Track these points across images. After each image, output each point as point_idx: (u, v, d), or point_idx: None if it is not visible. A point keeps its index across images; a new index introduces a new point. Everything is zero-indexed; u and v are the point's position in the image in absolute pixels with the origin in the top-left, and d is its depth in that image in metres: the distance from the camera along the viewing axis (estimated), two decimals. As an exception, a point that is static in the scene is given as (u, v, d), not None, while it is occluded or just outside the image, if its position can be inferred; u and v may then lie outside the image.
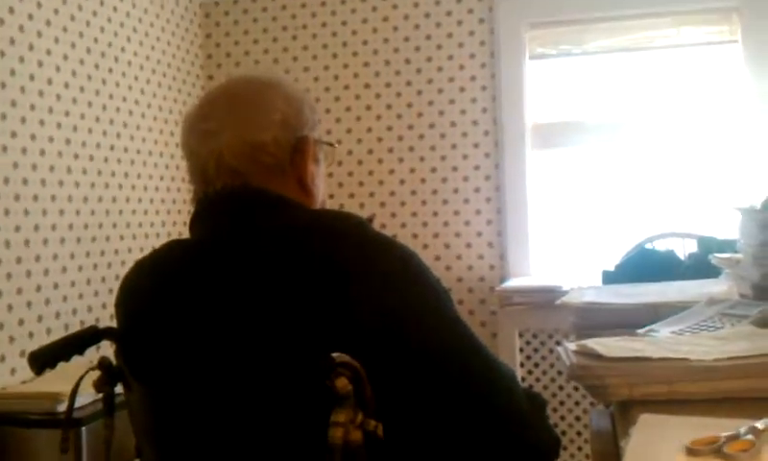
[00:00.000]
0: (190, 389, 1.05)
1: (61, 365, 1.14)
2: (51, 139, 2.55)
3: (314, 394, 0.94)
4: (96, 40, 2.82)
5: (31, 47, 2.48)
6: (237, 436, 1.02)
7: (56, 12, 2.61)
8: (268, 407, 1.00)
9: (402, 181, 3.44)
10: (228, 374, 1.02)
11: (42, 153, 2.50)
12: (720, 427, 0.87)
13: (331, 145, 1.32)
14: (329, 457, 0.92)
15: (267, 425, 1.00)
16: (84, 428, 2.00)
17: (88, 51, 2.78)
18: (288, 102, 1.22)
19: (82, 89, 2.73)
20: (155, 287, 1.13)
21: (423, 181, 3.42)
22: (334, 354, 0.94)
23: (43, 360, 1.12)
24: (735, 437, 0.84)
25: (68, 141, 2.63)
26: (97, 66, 2.82)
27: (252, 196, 1.14)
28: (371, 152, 3.46)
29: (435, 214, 3.41)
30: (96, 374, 1.14)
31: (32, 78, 2.48)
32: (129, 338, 1.14)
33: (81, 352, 1.14)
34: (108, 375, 1.14)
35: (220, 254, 1.09)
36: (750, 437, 0.83)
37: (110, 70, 2.90)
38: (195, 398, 1.05)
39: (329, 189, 3.45)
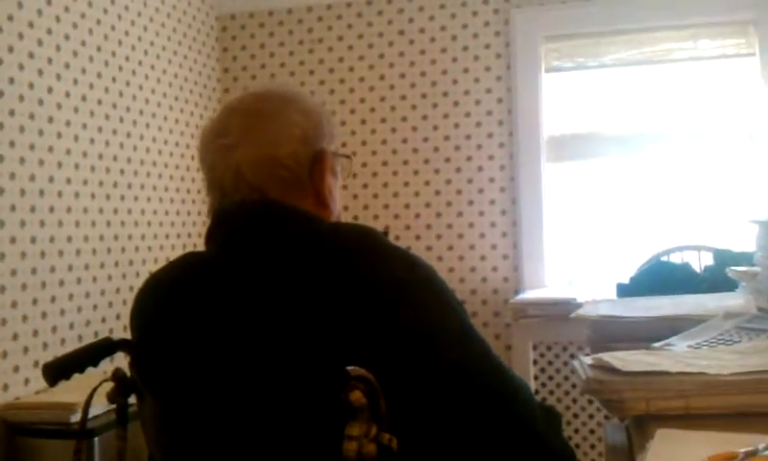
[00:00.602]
0: (204, 401, 1.05)
1: (75, 376, 1.14)
2: (68, 152, 2.56)
3: (329, 407, 0.94)
4: (113, 54, 2.84)
5: (49, 61, 2.50)
6: (251, 449, 1.01)
7: (74, 25, 2.63)
8: (282, 420, 1.00)
9: (417, 193, 3.43)
10: (242, 386, 1.02)
11: (59, 165, 2.52)
12: (738, 443, 0.85)
13: (348, 157, 1.32)
14: None
15: (281, 438, 1.00)
16: (96, 439, 2.01)
17: (106, 64, 2.80)
18: (306, 116, 1.22)
19: (99, 102, 2.74)
20: (170, 299, 1.13)
21: (438, 193, 3.42)
22: (349, 368, 0.93)
23: (57, 371, 1.12)
24: (754, 453, 0.83)
25: (85, 154, 2.65)
26: (114, 79, 2.84)
27: (270, 209, 1.14)
28: (385, 164, 3.47)
29: (449, 226, 3.40)
30: (110, 385, 1.14)
31: (50, 91, 2.50)
32: (143, 350, 1.14)
33: (95, 364, 1.14)
34: (121, 386, 1.14)
35: (236, 266, 1.09)
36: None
37: (128, 83, 2.92)
38: (209, 410, 1.05)
39: (344, 201, 3.45)
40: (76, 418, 2.05)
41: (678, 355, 1.21)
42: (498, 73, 3.38)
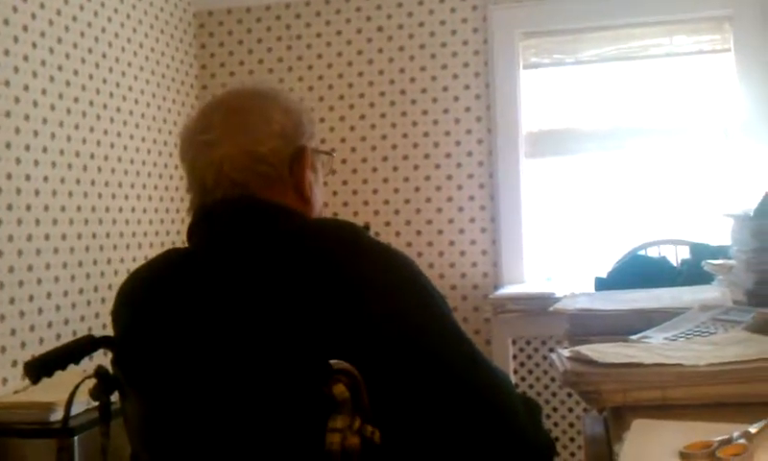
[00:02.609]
0: (187, 397, 1.05)
1: (55, 374, 1.14)
2: (45, 150, 2.55)
3: (312, 400, 0.95)
4: (90, 51, 2.83)
5: (25, 58, 2.48)
6: (234, 443, 1.02)
7: (50, 22, 2.61)
8: (265, 414, 1.00)
9: (396, 190, 3.44)
10: (224, 381, 1.02)
11: (36, 163, 2.50)
12: (713, 432, 0.87)
13: (328, 154, 1.33)
14: None
15: (264, 432, 1.00)
16: (76, 438, 2.00)
17: (83, 61, 2.78)
18: (286, 113, 1.23)
19: (76, 100, 2.73)
20: (152, 296, 1.13)
21: (417, 189, 3.43)
22: (332, 361, 0.94)
23: (40, 369, 1.12)
24: (728, 441, 0.84)
25: (62, 152, 2.63)
26: (91, 77, 2.82)
27: (251, 205, 1.15)
28: (365, 160, 3.47)
29: (429, 222, 3.41)
30: (91, 382, 1.14)
31: (26, 88, 2.48)
32: (125, 347, 1.14)
33: (77, 361, 1.14)
34: (104, 383, 1.14)
35: (218, 262, 1.10)
36: (742, 441, 0.84)
37: (105, 80, 2.90)
38: (192, 406, 1.05)
39: (324, 198, 3.44)
40: (55, 417, 2.04)
41: (654, 347, 1.23)
42: (477, 69, 3.39)
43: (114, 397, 1.16)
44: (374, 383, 0.96)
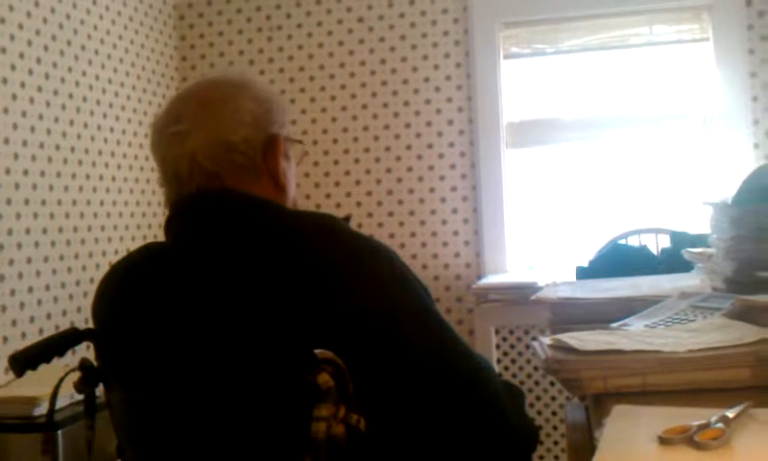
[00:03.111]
0: (170, 389, 1.06)
1: (39, 368, 1.13)
2: (24, 143, 2.53)
3: (296, 390, 0.95)
4: (69, 43, 2.81)
5: (3, 51, 2.46)
6: (219, 433, 1.02)
7: (28, 14, 2.59)
8: (250, 404, 1.01)
9: (379, 181, 3.44)
10: (208, 372, 1.02)
11: (16, 157, 2.48)
12: (692, 417, 0.88)
13: (300, 142, 1.33)
14: (312, 452, 0.93)
15: (249, 422, 1.01)
16: (60, 432, 1.99)
17: (61, 53, 2.76)
18: (258, 102, 1.23)
19: (55, 92, 2.71)
20: (131, 289, 1.13)
21: (400, 180, 3.43)
22: (316, 351, 0.95)
23: (25, 362, 1.12)
24: (706, 426, 0.86)
25: (42, 145, 2.62)
26: (70, 69, 2.80)
27: (228, 197, 1.15)
28: (347, 152, 3.47)
29: (411, 213, 3.42)
30: (75, 375, 1.14)
31: (4, 82, 2.45)
32: (107, 339, 1.14)
33: (61, 354, 1.14)
34: (88, 375, 1.14)
35: (196, 255, 1.10)
36: (720, 425, 0.85)
37: (84, 73, 2.88)
38: (176, 397, 1.05)
39: (306, 190, 3.45)
40: (39, 411, 2.03)
41: (634, 335, 1.24)
42: (457, 60, 3.39)
43: (99, 390, 1.16)
44: (358, 372, 0.97)
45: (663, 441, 0.83)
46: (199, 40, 3.61)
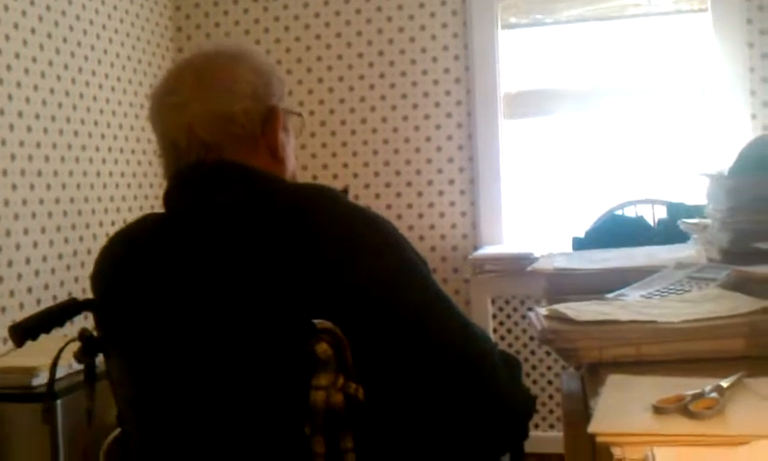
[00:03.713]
0: (170, 359, 1.07)
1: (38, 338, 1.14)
2: (20, 114, 2.52)
3: (295, 359, 0.96)
4: (64, 13, 2.79)
5: (-3, 20, 2.44)
6: (219, 402, 1.03)
7: (22, -17, 2.57)
8: (249, 373, 1.02)
9: (376, 152, 3.44)
10: (207, 342, 1.03)
11: (11, 128, 2.47)
12: (686, 386, 0.89)
13: (299, 115, 1.33)
14: (311, 420, 0.94)
15: (249, 391, 1.02)
16: (59, 401, 2.00)
17: (56, 24, 2.74)
18: (257, 73, 1.22)
19: (50, 63, 2.69)
20: (130, 260, 1.14)
21: (397, 151, 3.43)
22: (315, 320, 0.96)
23: (25, 332, 1.13)
24: (700, 395, 0.86)
25: (37, 116, 2.61)
26: (65, 40, 2.79)
27: (227, 169, 1.15)
28: (343, 123, 3.46)
29: (408, 185, 3.42)
30: (75, 346, 1.15)
31: (-1, 51, 2.44)
32: (106, 310, 1.14)
33: (61, 324, 1.15)
34: (88, 345, 1.15)
35: (196, 226, 1.10)
36: (714, 395, 0.86)
37: (79, 43, 2.87)
38: (176, 367, 1.06)
39: (303, 161, 3.45)
40: (38, 381, 2.03)
41: (630, 305, 1.25)
42: (455, 30, 3.38)
43: (98, 360, 1.17)
44: (357, 342, 0.97)
45: (658, 410, 0.84)
46: (194, 10, 3.59)
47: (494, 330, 3.15)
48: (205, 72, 1.21)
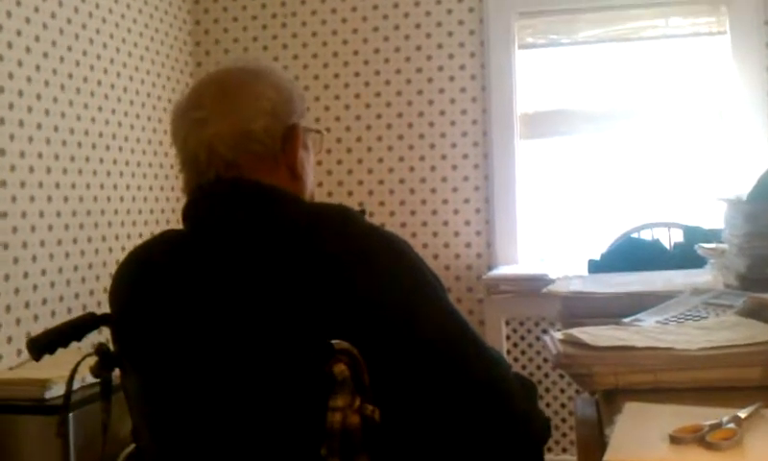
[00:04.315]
0: (188, 376, 1.07)
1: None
2: (39, 126, 2.54)
3: (313, 379, 0.96)
4: (84, 27, 2.81)
5: (18, 33, 2.47)
6: (236, 421, 1.03)
7: (44, -3, 2.59)
8: (266, 393, 1.01)
9: (391, 170, 3.44)
10: (225, 361, 1.03)
11: (30, 140, 2.49)
12: (703, 416, 0.88)
13: (319, 132, 1.33)
14: (328, 441, 0.94)
15: (265, 411, 1.02)
16: (71, 415, 2.00)
17: (77, 37, 2.76)
18: (278, 91, 1.22)
19: (70, 76, 2.71)
20: (149, 276, 1.14)
21: (412, 169, 3.43)
22: (333, 341, 0.96)
23: (43, 346, 1.13)
24: (718, 425, 0.85)
25: (56, 128, 2.62)
26: (85, 53, 2.81)
27: (246, 187, 1.15)
28: (359, 140, 3.47)
29: (423, 202, 3.42)
30: (91, 360, 1.15)
31: (20, 64, 2.46)
32: (124, 325, 1.15)
33: (79, 339, 1.16)
34: (105, 360, 1.15)
35: (215, 243, 1.10)
36: (732, 426, 0.85)
37: (99, 57, 2.89)
38: (193, 385, 1.06)
39: (318, 177, 3.45)
40: (50, 394, 2.04)
41: (646, 331, 1.24)
42: (472, 50, 3.38)
43: (114, 374, 1.17)
44: (374, 363, 0.97)
45: (675, 440, 0.83)
46: (213, 25, 3.61)
47: (508, 352, 3.13)
48: (228, 88, 1.22)
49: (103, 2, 2.93)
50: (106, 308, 1.19)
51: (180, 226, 1.19)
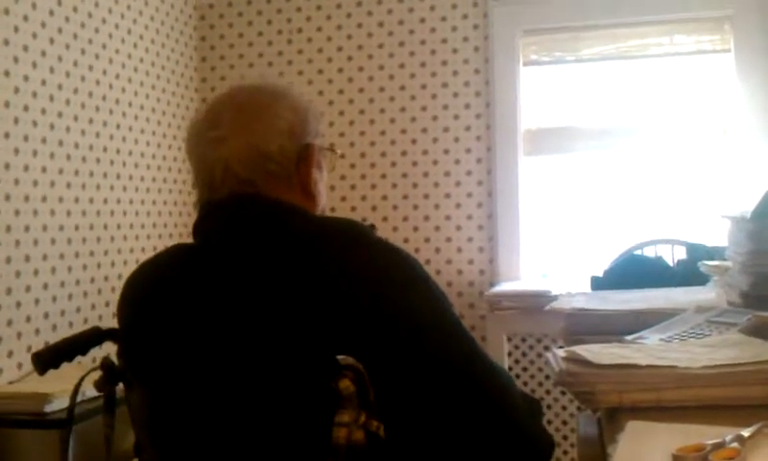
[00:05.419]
0: (193, 391, 1.07)
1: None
2: (44, 140, 2.55)
3: (318, 395, 0.97)
4: (90, 42, 2.82)
5: (26, 48, 2.48)
6: (241, 436, 1.03)
7: (51, 13, 2.61)
8: (272, 408, 1.02)
9: (394, 185, 3.44)
10: (231, 375, 1.03)
11: (35, 153, 2.50)
12: (707, 435, 0.87)
13: (334, 152, 1.35)
14: (333, 457, 0.94)
15: (271, 426, 1.02)
16: (72, 429, 1.99)
17: (83, 52, 2.78)
18: (294, 111, 1.24)
19: (75, 91, 2.72)
20: (157, 290, 1.14)
21: (415, 185, 3.43)
22: (339, 357, 0.96)
23: (48, 360, 1.14)
24: (721, 445, 0.85)
25: (61, 143, 2.63)
26: (91, 68, 2.82)
27: (258, 203, 1.16)
28: (363, 155, 3.47)
29: (426, 218, 3.42)
30: (95, 374, 1.15)
31: (26, 79, 2.47)
32: (131, 339, 1.15)
33: (84, 353, 1.16)
34: (109, 374, 1.15)
35: (224, 258, 1.11)
36: (735, 445, 0.84)
37: (104, 72, 2.90)
38: (198, 399, 1.06)
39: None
40: (51, 408, 2.04)
41: (649, 349, 1.23)
42: (476, 66, 3.39)
43: (118, 388, 1.17)
44: (379, 379, 0.97)
45: (677, 459, 0.83)
46: (219, 42, 3.62)
47: (510, 368, 3.12)
48: (245, 108, 1.23)
49: (109, 18, 2.94)
50: (107, 323, 1.20)
51: (184, 240, 1.19)
